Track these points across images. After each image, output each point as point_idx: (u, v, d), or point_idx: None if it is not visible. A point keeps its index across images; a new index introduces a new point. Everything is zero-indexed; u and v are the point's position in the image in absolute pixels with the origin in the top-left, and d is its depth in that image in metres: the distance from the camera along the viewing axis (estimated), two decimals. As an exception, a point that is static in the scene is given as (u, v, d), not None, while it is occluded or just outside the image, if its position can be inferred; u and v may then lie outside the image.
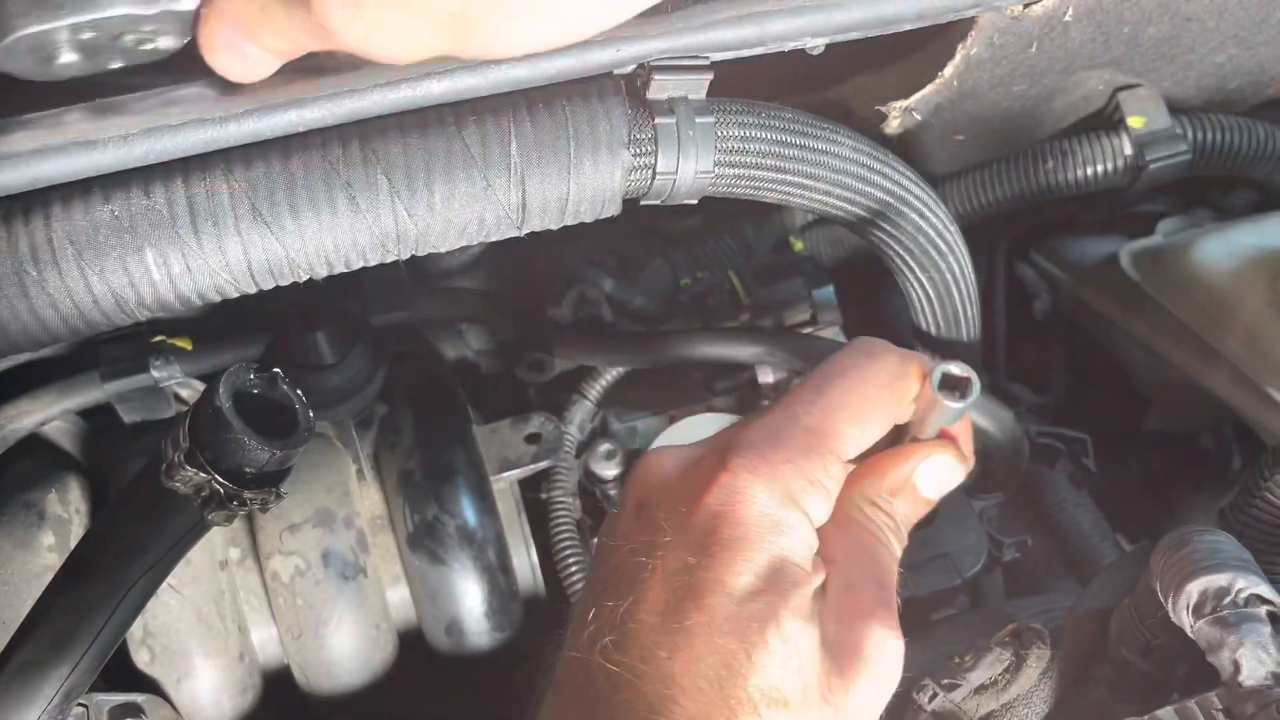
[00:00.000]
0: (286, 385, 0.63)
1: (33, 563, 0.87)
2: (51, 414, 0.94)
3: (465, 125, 0.63)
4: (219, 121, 0.60)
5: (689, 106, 0.67)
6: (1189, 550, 0.67)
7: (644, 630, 0.50)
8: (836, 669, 0.50)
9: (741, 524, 0.51)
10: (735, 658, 0.49)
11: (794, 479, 0.53)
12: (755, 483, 0.52)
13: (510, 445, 0.98)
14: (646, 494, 0.56)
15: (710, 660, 0.48)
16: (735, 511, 0.52)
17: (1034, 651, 0.75)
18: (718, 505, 0.52)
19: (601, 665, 0.50)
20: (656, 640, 0.49)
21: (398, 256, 0.66)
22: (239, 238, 0.61)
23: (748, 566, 0.51)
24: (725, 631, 0.49)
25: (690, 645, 0.49)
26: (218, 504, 0.61)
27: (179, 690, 0.88)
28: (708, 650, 0.49)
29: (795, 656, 0.49)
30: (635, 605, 0.51)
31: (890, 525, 0.56)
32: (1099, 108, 1.01)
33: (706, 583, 0.50)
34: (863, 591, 0.53)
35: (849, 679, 0.50)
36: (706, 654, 0.49)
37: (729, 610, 0.49)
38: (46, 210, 0.59)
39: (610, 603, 0.52)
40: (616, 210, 0.69)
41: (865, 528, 0.55)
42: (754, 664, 0.49)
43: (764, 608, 0.50)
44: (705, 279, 1.16)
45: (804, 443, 0.54)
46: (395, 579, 0.94)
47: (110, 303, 0.61)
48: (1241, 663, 0.63)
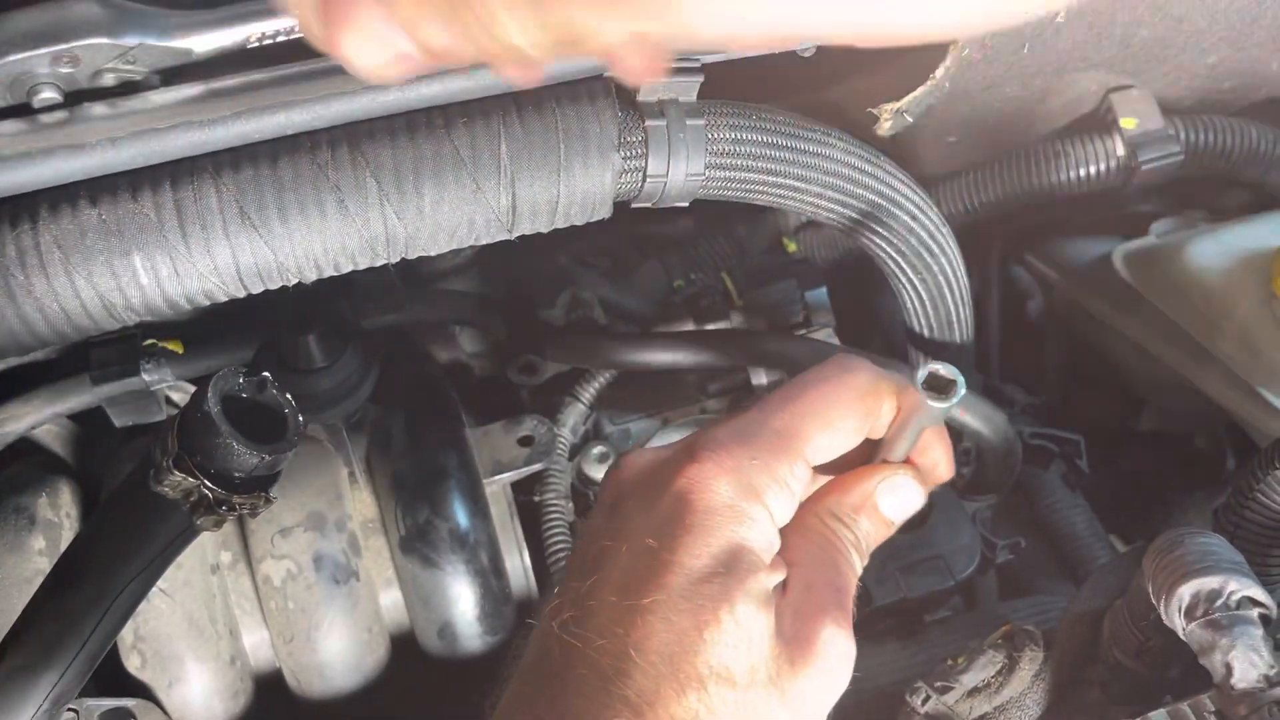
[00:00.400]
0: (275, 389, 0.63)
1: (23, 567, 0.86)
2: (42, 417, 0.94)
3: (455, 128, 0.63)
4: (207, 124, 0.60)
5: (680, 109, 0.67)
6: (1181, 552, 0.67)
7: (603, 607, 0.53)
8: (788, 658, 0.52)
9: (703, 511, 0.54)
10: (688, 635, 0.51)
11: (758, 474, 0.55)
12: (720, 473, 0.55)
13: (503, 448, 0.98)
14: (620, 490, 0.58)
15: (664, 636, 0.51)
16: (698, 499, 0.54)
17: (1027, 653, 0.75)
18: (682, 493, 0.55)
19: (560, 638, 0.53)
20: (614, 617, 0.52)
21: (387, 260, 0.65)
22: (227, 241, 0.61)
23: (706, 550, 0.53)
24: (680, 610, 0.51)
25: (646, 622, 0.51)
26: (207, 509, 0.61)
27: (170, 695, 0.87)
28: (662, 627, 0.51)
29: (745, 639, 0.51)
30: (597, 584, 0.54)
31: (852, 540, 0.58)
32: (1091, 109, 1.01)
33: (665, 564, 0.52)
34: (820, 593, 0.55)
35: (798, 668, 0.52)
36: (661, 630, 0.51)
37: (685, 590, 0.52)
38: (33, 214, 0.59)
39: (575, 583, 0.55)
40: (607, 213, 0.69)
41: (828, 539, 0.57)
42: (705, 642, 0.51)
43: (719, 589, 0.52)
44: (698, 281, 1.16)
45: (771, 443, 0.57)
46: (388, 582, 0.94)
47: (98, 307, 0.61)
48: (1234, 665, 0.63)
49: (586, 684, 0.51)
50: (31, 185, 0.59)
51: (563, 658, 0.53)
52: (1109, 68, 0.94)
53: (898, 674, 0.88)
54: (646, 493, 0.56)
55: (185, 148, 0.60)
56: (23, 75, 0.59)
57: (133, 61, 0.60)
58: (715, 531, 0.53)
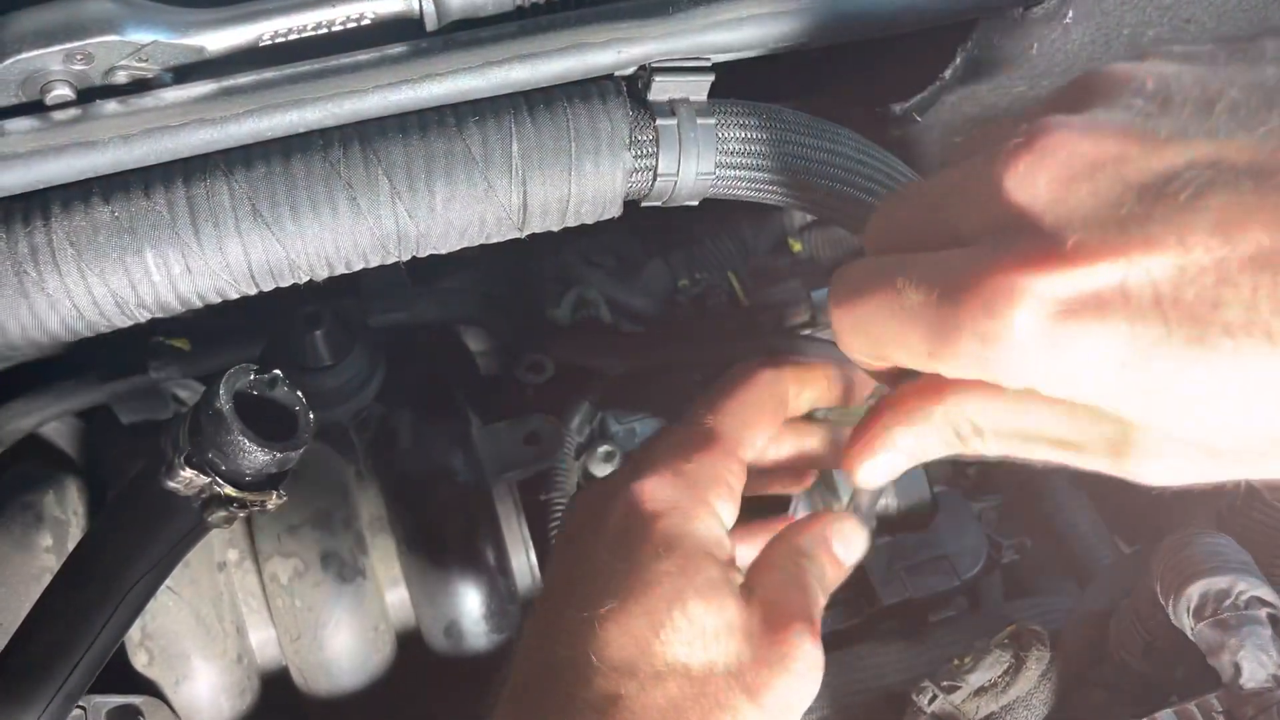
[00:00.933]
0: (287, 387, 0.63)
1: (31, 564, 0.86)
2: (50, 415, 0.94)
3: (466, 126, 0.63)
4: (219, 122, 0.60)
5: (690, 108, 0.67)
6: (1190, 552, 0.67)
7: (567, 623, 0.56)
8: (753, 656, 0.54)
9: (649, 516, 0.57)
10: (643, 637, 0.54)
11: (695, 474, 0.59)
12: (660, 482, 0.58)
13: (509, 447, 0.98)
14: (575, 522, 0.63)
15: (621, 641, 0.54)
16: (643, 507, 0.57)
17: (1033, 653, 0.75)
18: (628, 506, 0.58)
19: (531, 655, 0.57)
20: (576, 630, 0.55)
21: (398, 258, 0.65)
22: (239, 238, 0.61)
23: (654, 553, 0.56)
24: (634, 614, 0.54)
25: (604, 630, 0.54)
26: (217, 506, 0.61)
27: (177, 692, 0.88)
28: (618, 633, 0.54)
29: (699, 634, 0.54)
30: (561, 603, 0.57)
31: (816, 574, 0.59)
32: (1099, 109, 1.01)
33: (619, 573, 0.56)
34: (791, 604, 0.56)
35: (765, 666, 0.54)
36: (617, 636, 0.54)
37: (637, 595, 0.55)
38: (46, 211, 0.59)
39: (544, 604, 0.60)
40: (618, 212, 0.69)
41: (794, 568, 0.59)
42: (660, 641, 0.53)
43: (670, 589, 0.54)
44: (704, 280, 1.16)
45: (701, 445, 0.60)
46: (394, 581, 0.94)
47: (110, 304, 0.61)
48: (1242, 665, 0.63)
49: (553, 695, 0.54)
50: (44, 182, 0.59)
51: (532, 672, 0.57)
52: (1116, 69, 0.94)
53: (904, 673, 0.88)
54: (597, 516, 0.60)
55: (198, 145, 0.60)
56: (35, 73, 0.59)
57: (146, 59, 0.60)
58: (662, 534, 0.56)
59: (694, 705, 0.53)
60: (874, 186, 0.75)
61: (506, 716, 0.57)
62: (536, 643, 0.58)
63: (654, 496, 0.58)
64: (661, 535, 0.56)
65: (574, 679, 0.54)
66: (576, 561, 0.59)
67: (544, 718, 0.54)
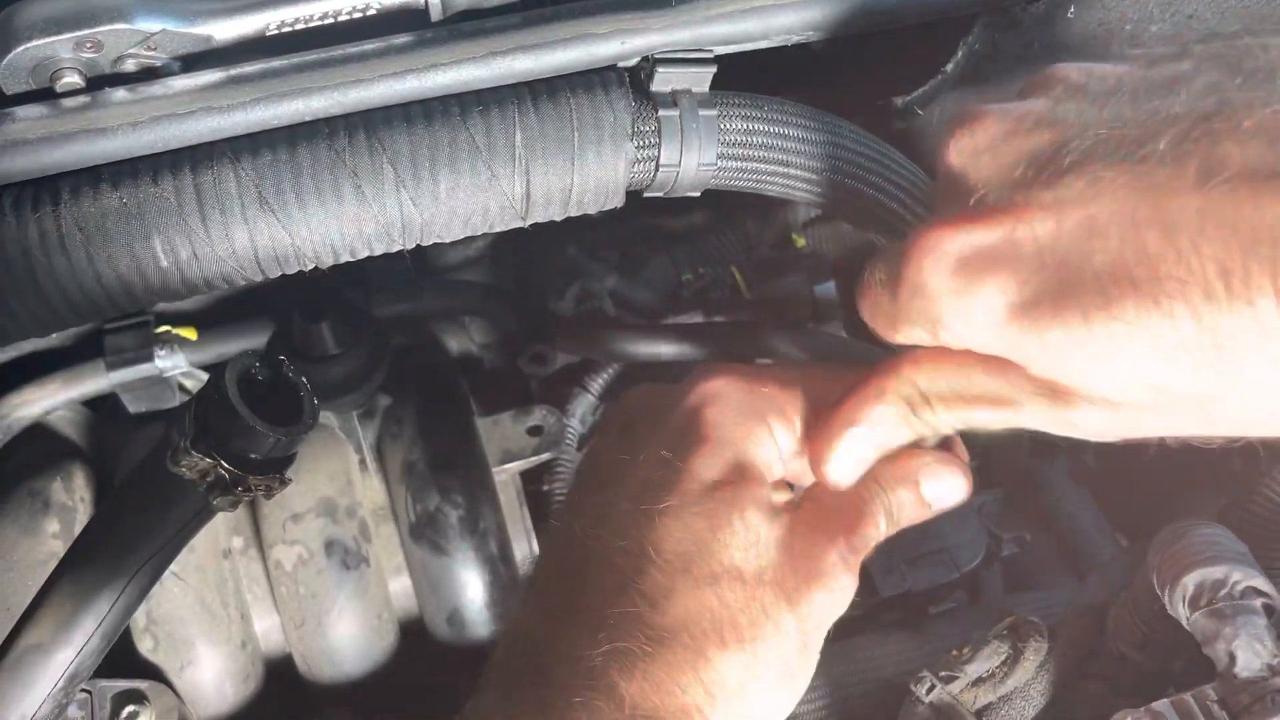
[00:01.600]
0: (292, 373, 0.64)
1: (37, 549, 0.87)
2: (57, 403, 0.95)
3: (470, 116, 0.63)
4: (226, 110, 0.60)
5: (692, 99, 0.68)
6: (1186, 543, 0.68)
7: (621, 514, 0.56)
8: (793, 569, 0.55)
9: (715, 425, 0.58)
10: (702, 536, 0.54)
11: (764, 402, 0.59)
12: (731, 393, 0.59)
13: (512, 437, 0.99)
14: (631, 413, 0.62)
15: (679, 537, 0.54)
16: (710, 414, 0.58)
17: (1031, 644, 0.75)
18: (695, 408, 0.58)
19: (580, 540, 0.57)
20: (632, 521, 0.56)
21: (403, 246, 0.66)
22: (246, 226, 0.62)
23: (718, 460, 0.56)
24: (694, 514, 0.55)
25: (662, 524, 0.55)
26: (223, 489, 0.62)
27: (182, 677, 0.88)
28: (677, 529, 0.55)
29: (754, 541, 0.55)
30: (615, 494, 0.58)
31: (884, 504, 0.59)
32: (1101, 105, 1.01)
33: (680, 472, 0.56)
34: (834, 527, 0.57)
35: (803, 580, 0.55)
36: (676, 532, 0.54)
37: (698, 496, 0.55)
38: (55, 197, 0.60)
39: (592, 494, 0.59)
40: (620, 202, 0.69)
41: (859, 493, 0.59)
42: (719, 542, 0.54)
43: (730, 496, 0.55)
44: (707, 274, 1.16)
45: (780, 385, 0.61)
46: (397, 569, 0.95)
47: (118, 289, 0.62)
48: (1237, 654, 0.64)
49: (605, 581, 0.55)
50: (53, 168, 0.60)
51: (582, 558, 0.56)
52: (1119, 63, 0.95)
53: (903, 664, 0.88)
54: (658, 412, 0.60)
55: (205, 133, 0.61)
56: (46, 60, 0.60)
57: (154, 48, 0.61)
58: (726, 444, 0.57)
59: (743, 609, 0.54)
60: (875, 180, 0.75)
61: (544, 594, 0.57)
62: (585, 531, 0.57)
63: (722, 407, 0.58)
64: (724, 444, 0.57)
65: (630, 568, 0.54)
66: (630, 454, 0.59)
67: (594, 601, 0.54)
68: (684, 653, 0.52)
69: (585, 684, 0.52)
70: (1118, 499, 1.13)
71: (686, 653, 0.52)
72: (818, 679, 0.89)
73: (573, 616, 0.55)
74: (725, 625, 0.53)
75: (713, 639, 0.53)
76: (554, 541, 0.60)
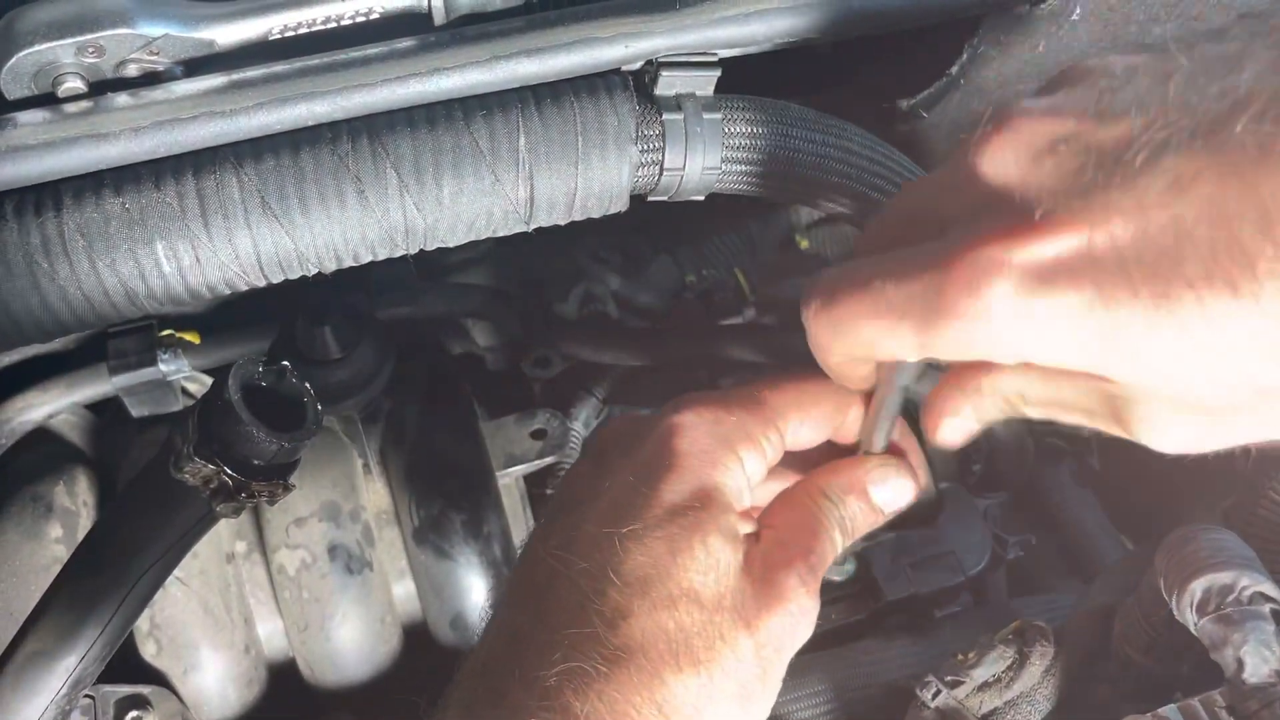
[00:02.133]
0: (295, 378, 0.63)
1: (40, 554, 0.87)
2: (60, 407, 0.95)
3: (474, 120, 0.63)
4: (229, 115, 0.60)
5: (696, 103, 0.68)
6: (1194, 548, 0.67)
7: (586, 536, 0.57)
8: (754, 595, 0.56)
9: (682, 453, 0.59)
10: (661, 560, 0.55)
11: (735, 429, 0.60)
12: (699, 423, 0.60)
13: (516, 441, 0.99)
14: (606, 441, 0.63)
15: (639, 560, 0.55)
16: (678, 443, 0.59)
17: (1037, 649, 0.75)
18: (664, 437, 0.60)
19: (545, 561, 0.58)
20: (596, 543, 0.56)
21: (406, 251, 0.66)
22: (249, 230, 0.61)
23: (683, 487, 0.57)
24: (656, 538, 0.56)
25: (624, 548, 0.55)
26: (226, 495, 0.62)
27: (185, 682, 0.88)
28: (638, 552, 0.55)
29: (714, 566, 0.56)
30: (581, 517, 0.58)
31: (837, 518, 0.60)
32: (1106, 106, 1.01)
33: (645, 497, 0.57)
34: (792, 550, 0.58)
35: (763, 606, 0.56)
36: (637, 555, 0.55)
37: (661, 520, 0.56)
38: (58, 202, 0.60)
39: (562, 516, 0.60)
40: (624, 206, 0.69)
41: (811, 510, 0.60)
42: (678, 566, 0.55)
43: (692, 521, 0.56)
44: (711, 276, 1.16)
45: (750, 408, 0.61)
46: (401, 573, 0.94)
47: (120, 294, 0.61)
48: (1245, 660, 0.63)
49: (567, 601, 0.55)
50: (56, 174, 0.59)
51: (547, 578, 0.57)
52: (1124, 66, 0.94)
53: (908, 669, 0.88)
54: (630, 440, 0.61)
55: (207, 138, 0.61)
56: (48, 65, 0.60)
57: (156, 52, 0.61)
58: (692, 471, 0.58)
59: (700, 633, 0.54)
60: (880, 183, 0.75)
61: (511, 612, 0.58)
62: (550, 552, 0.58)
63: (690, 436, 0.59)
64: (691, 472, 0.58)
65: (589, 589, 0.55)
66: (600, 480, 0.60)
67: (553, 621, 0.55)
68: (639, 674, 0.53)
69: (540, 704, 0.52)
70: (1123, 501, 1.12)
71: (642, 674, 0.53)
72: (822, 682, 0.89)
73: (532, 637, 0.55)
74: (681, 648, 0.54)
75: (668, 661, 0.53)
76: (524, 562, 0.61)
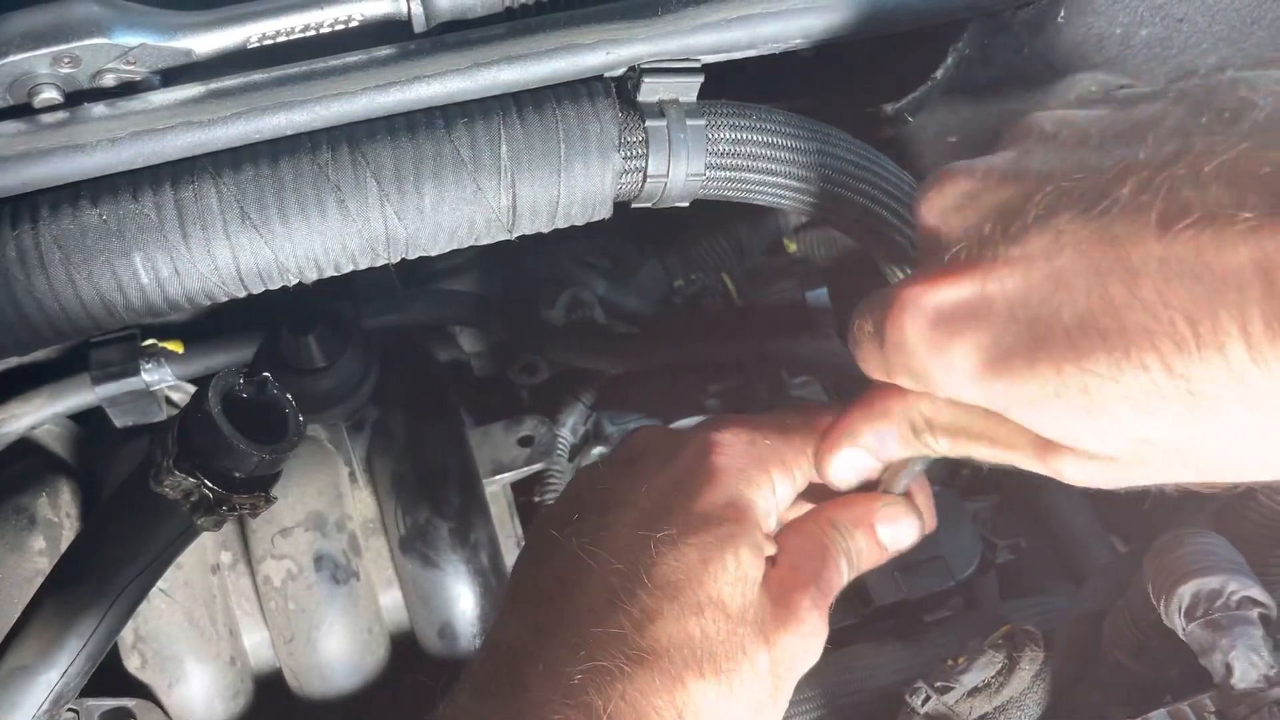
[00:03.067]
0: (276, 389, 0.63)
1: (23, 567, 0.86)
2: (42, 417, 0.94)
3: (455, 128, 0.63)
4: (207, 124, 0.60)
5: (680, 109, 0.67)
6: (1182, 553, 0.67)
7: (619, 538, 0.58)
8: (772, 613, 0.58)
9: (719, 468, 0.60)
10: (693, 568, 0.56)
11: (769, 452, 0.61)
12: (735, 441, 0.61)
13: (503, 448, 0.98)
14: (637, 449, 0.65)
15: (672, 565, 0.56)
16: (716, 458, 0.60)
17: (1027, 653, 0.75)
18: (702, 450, 0.61)
19: (576, 556, 0.58)
20: (630, 544, 0.57)
21: (388, 260, 0.65)
22: (228, 241, 0.61)
23: (717, 499, 0.59)
24: (689, 545, 0.57)
25: (658, 552, 0.57)
26: (206, 509, 0.61)
27: (170, 695, 0.88)
28: (671, 557, 0.56)
29: (742, 579, 0.57)
30: (615, 518, 0.60)
31: (844, 549, 0.62)
32: (1092, 109, 1.01)
33: (681, 505, 0.58)
34: (805, 574, 0.59)
35: (780, 624, 0.57)
36: (670, 560, 0.56)
37: (695, 529, 0.57)
38: (34, 214, 0.59)
39: (593, 515, 0.61)
40: (607, 213, 0.69)
41: (821, 539, 0.61)
42: (709, 574, 0.56)
43: (725, 533, 0.57)
44: (699, 281, 1.16)
45: (784, 435, 0.63)
46: (388, 582, 0.94)
47: (98, 307, 0.61)
48: (1234, 665, 0.63)
49: (596, 599, 0.56)
50: (32, 185, 0.59)
51: (574, 575, 0.58)
52: (1109, 67, 0.94)
53: (898, 674, 0.87)
54: (666, 451, 0.63)
55: (185, 148, 0.60)
56: (23, 76, 0.59)
57: (133, 62, 0.60)
58: (727, 486, 0.59)
59: (724, 642, 0.55)
60: (865, 187, 0.75)
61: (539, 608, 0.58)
62: (580, 548, 0.58)
63: (728, 453, 0.61)
64: (726, 487, 0.59)
65: (621, 589, 0.56)
66: (635, 484, 0.61)
67: (581, 618, 0.56)
68: (662, 677, 0.54)
69: (563, 700, 0.53)
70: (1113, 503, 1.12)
71: (665, 677, 0.54)
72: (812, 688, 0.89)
73: (558, 631, 0.56)
74: (704, 655, 0.55)
75: (692, 667, 0.54)
76: (547, 554, 0.61)
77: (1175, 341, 0.40)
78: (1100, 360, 0.42)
